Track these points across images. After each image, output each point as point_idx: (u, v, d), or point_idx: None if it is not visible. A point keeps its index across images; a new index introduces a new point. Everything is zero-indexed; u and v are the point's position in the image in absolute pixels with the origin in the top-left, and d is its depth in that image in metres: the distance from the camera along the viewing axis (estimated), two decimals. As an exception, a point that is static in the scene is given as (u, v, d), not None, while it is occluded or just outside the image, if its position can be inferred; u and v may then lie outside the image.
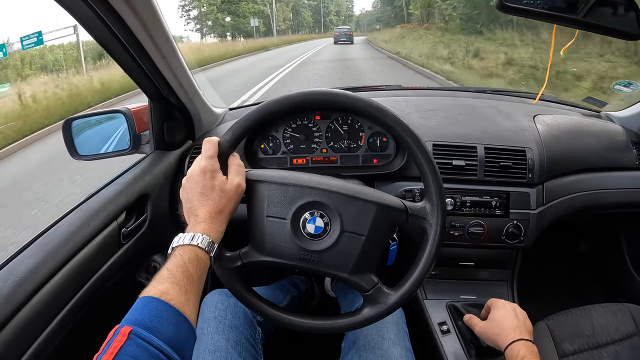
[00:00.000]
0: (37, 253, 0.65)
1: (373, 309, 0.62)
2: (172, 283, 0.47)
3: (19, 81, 10.42)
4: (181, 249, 0.52)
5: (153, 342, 0.41)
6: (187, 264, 0.50)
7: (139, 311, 0.44)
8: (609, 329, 0.83)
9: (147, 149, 0.93)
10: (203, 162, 0.58)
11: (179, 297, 0.46)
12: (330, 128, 0.94)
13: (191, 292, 0.49)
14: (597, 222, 1.38)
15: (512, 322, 0.70)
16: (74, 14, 0.62)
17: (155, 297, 0.45)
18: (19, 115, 6.21)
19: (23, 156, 5.21)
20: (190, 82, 0.88)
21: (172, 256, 0.51)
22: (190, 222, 0.56)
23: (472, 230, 0.90)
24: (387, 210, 0.60)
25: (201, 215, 0.55)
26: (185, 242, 0.52)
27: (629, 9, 0.81)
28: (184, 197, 0.59)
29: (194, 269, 0.50)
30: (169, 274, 0.48)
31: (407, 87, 1.24)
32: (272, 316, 0.64)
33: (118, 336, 0.41)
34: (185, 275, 0.49)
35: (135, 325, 0.42)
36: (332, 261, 0.60)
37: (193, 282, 0.49)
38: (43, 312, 0.61)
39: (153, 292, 0.46)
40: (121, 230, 0.81)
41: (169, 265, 0.50)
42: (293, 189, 0.60)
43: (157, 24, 0.69)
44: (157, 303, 0.45)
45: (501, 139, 0.92)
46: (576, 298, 1.01)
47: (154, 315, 0.44)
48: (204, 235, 0.53)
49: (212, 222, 0.55)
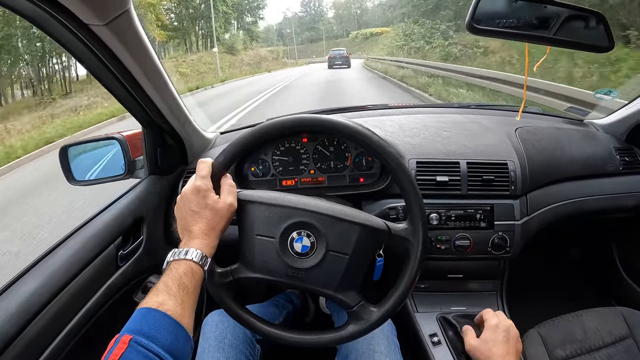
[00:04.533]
0: (39, 276, 0.68)
1: (357, 325, 0.64)
2: (168, 295, 0.49)
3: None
4: (176, 263, 0.54)
5: (153, 349, 0.44)
6: (182, 277, 0.52)
7: (138, 321, 0.46)
8: (602, 333, 0.84)
9: (142, 173, 0.95)
10: (197, 181, 0.60)
11: (176, 307, 0.48)
12: (317, 150, 0.96)
13: (187, 302, 0.51)
14: (586, 228, 1.39)
15: (502, 348, 0.70)
16: (69, 49, 0.65)
17: (153, 308, 0.47)
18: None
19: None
20: (181, 110, 0.91)
21: (167, 270, 0.54)
22: (184, 238, 0.59)
23: (458, 243, 0.91)
24: (370, 231, 0.63)
25: (194, 231, 0.58)
26: (180, 257, 0.55)
27: (599, 22, 0.85)
28: (178, 214, 0.61)
29: (188, 281, 0.52)
30: (165, 286, 0.50)
31: (393, 106, 1.27)
32: (262, 331, 0.66)
33: (119, 344, 0.43)
34: (181, 287, 0.51)
35: (135, 334, 0.44)
36: (318, 279, 0.63)
37: (188, 294, 0.51)
38: (45, 332, 0.65)
39: (151, 304, 0.48)
40: (118, 253, 0.83)
41: (165, 279, 0.52)
42: (281, 209, 0.63)
43: (148, 58, 0.73)
44: (155, 313, 0.47)
45: (483, 153, 0.95)
46: (569, 304, 1.03)
47: (153, 325, 0.46)
48: (197, 250, 0.56)
49: (204, 238, 0.58)
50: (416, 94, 8.16)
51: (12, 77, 14.10)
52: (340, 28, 67.47)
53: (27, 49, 14.72)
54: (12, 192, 4.60)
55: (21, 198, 4.22)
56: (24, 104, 12.38)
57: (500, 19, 0.80)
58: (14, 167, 5.61)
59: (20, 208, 3.91)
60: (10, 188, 4.92)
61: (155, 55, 0.74)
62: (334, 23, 69.48)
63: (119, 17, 0.61)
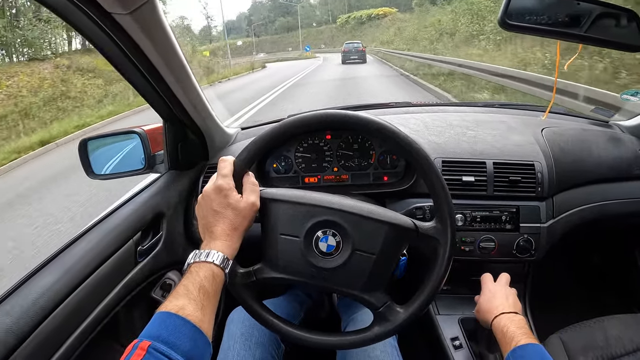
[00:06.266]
0: (56, 271, 0.67)
1: (383, 327, 0.62)
2: (188, 299, 0.48)
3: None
4: (197, 266, 0.53)
5: (172, 356, 0.43)
6: (203, 281, 0.51)
7: (157, 326, 0.45)
8: (624, 340, 0.82)
9: (162, 168, 0.94)
10: (219, 180, 0.59)
11: (196, 312, 0.48)
12: (341, 147, 0.95)
13: (207, 307, 0.50)
14: (609, 233, 1.36)
15: (497, 301, 0.75)
16: (91, 40, 0.65)
17: (172, 313, 0.46)
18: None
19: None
20: (203, 105, 0.90)
21: (187, 273, 0.53)
22: (206, 238, 0.58)
23: (482, 245, 0.90)
24: (398, 230, 0.61)
25: (216, 232, 0.57)
26: (201, 259, 0.54)
27: (631, 20, 0.83)
28: (199, 214, 0.60)
29: (209, 285, 0.51)
30: (185, 290, 0.50)
31: (416, 104, 1.25)
32: (284, 332, 0.65)
33: (137, 350, 0.42)
34: (202, 291, 0.50)
35: (153, 340, 0.43)
36: (343, 279, 0.61)
37: (209, 298, 0.51)
38: (62, 328, 0.64)
39: (170, 308, 0.47)
40: (137, 249, 0.83)
41: (185, 282, 0.51)
42: (306, 207, 0.61)
43: (171, 50, 0.72)
44: (175, 318, 0.46)
45: (510, 154, 0.93)
46: (590, 310, 1.00)
47: (172, 330, 0.45)
48: (218, 252, 0.54)
49: (226, 239, 0.56)
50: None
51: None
52: (325, 12, 56.18)
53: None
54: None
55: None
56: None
57: (532, 16, 0.80)
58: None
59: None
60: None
61: (179, 47, 0.73)
62: (316, 6, 57.21)
63: (143, 6, 0.59)
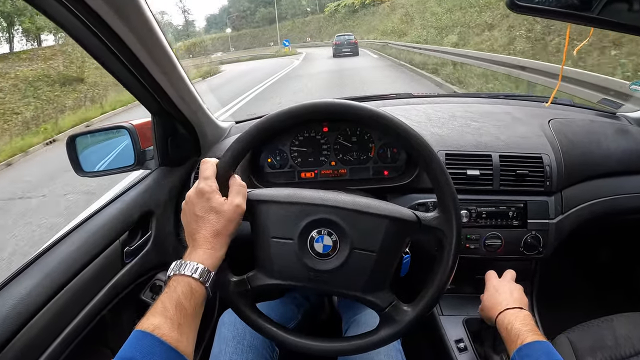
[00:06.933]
0: (36, 274, 0.65)
1: (390, 328, 0.58)
2: (164, 317, 0.47)
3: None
4: (175, 280, 0.51)
5: None
6: (181, 297, 0.49)
7: (132, 347, 0.45)
8: (633, 340, 0.80)
9: (152, 164, 0.91)
10: (200, 183, 0.56)
11: (172, 332, 0.46)
12: (338, 140, 0.91)
13: (185, 325, 0.48)
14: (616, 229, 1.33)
15: (501, 297, 0.73)
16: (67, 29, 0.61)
17: (148, 332, 0.45)
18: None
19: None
20: (193, 97, 0.86)
21: (167, 287, 0.51)
22: (189, 246, 0.55)
23: (488, 243, 0.87)
24: (399, 224, 0.57)
25: (198, 239, 0.54)
26: (180, 272, 0.51)
27: (645, 4, 0.78)
28: (183, 220, 0.58)
29: (187, 302, 0.49)
30: (163, 307, 0.48)
31: (417, 95, 1.21)
32: (282, 340, 0.61)
33: None
34: (179, 309, 0.48)
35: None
36: (344, 280, 0.57)
37: (187, 316, 0.48)
38: (44, 333, 0.62)
39: (146, 327, 0.46)
40: (124, 250, 0.80)
41: (163, 298, 0.49)
42: (298, 207, 0.58)
43: (154, 39, 0.68)
44: (150, 339, 0.45)
45: (516, 146, 0.89)
46: (597, 308, 0.98)
47: (146, 352, 0.44)
48: (198, 264, 0.52)
49: (209, 247, 0.54)
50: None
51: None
52: (311, 1, 52.22)
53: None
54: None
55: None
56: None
57: (542, -4, 0.75)
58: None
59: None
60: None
61: (163, 36, 0.69)
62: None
63: None
